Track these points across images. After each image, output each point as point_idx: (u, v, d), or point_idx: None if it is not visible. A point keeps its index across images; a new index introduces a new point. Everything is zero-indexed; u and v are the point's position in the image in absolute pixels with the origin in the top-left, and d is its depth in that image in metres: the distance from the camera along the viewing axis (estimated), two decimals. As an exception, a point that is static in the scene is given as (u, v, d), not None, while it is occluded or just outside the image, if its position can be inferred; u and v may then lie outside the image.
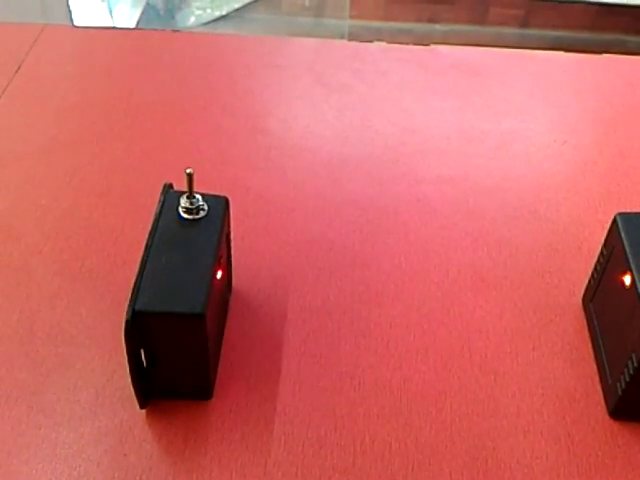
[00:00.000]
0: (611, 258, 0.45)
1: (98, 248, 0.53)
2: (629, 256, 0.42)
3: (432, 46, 0.71)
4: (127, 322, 0.36)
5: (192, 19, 1.76)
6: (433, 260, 0.53)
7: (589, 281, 0.49)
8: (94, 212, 0.56)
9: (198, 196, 0.43)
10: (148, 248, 0.40)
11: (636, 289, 0.40)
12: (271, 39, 0.75)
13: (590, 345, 0.48)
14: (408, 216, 0.56)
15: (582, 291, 0.50)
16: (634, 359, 0.40)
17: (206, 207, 0.43)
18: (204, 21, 1.75)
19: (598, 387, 0.45)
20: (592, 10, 2.01)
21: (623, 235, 0.43)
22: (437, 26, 2.06)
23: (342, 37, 1.89)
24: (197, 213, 0.42)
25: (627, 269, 0.42)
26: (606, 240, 0.46)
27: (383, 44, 0.71)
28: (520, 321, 0.49)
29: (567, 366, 0.47)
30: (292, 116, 0.65)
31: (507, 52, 0.74)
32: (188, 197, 0.42)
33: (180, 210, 0.42)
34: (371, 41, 0.72)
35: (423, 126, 0.65)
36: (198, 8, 1.77)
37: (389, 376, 0.46)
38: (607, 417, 0.44)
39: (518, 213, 0.57)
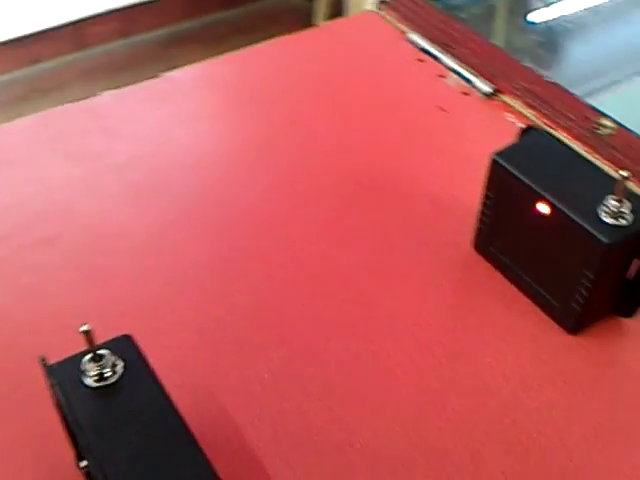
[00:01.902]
0: (503, 197, 0.45)
1: None
2: (533, 186, 0.42)
3: (163, 75, 0.63)
4: None
5: None
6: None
7: (479, 229, 0.48)
8: None
9: (104, 351, 0.30)
10: (88, 450, 0.28)
11: (563, 212, 0.41)
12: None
13: (510, 284, 0.47)
14: (272, 258, 0.50)
15: (470, 242, 0.49)
16: (589, 275, 0.41)
17: (119, 361, 0.31)
18: None
19: (545, 316, 0.45)
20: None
21: (514, 170, 0.43)
22: (44, 64, 1.91)
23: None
24: (114, 373, 0.30)
25: (537, 199, 0.42)
26: (489, 183, 0.46)
27: (114, 91, 0.61)
28: (433, 295, 0.47)
29: (505, 309, 0.46)
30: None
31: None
32: (93, 359, 0.30)
33: (90, 380, 0.30)
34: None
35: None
36: None
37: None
38: (571, 336, 0.44)
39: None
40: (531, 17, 1.34)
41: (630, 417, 0.40)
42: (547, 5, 1.23)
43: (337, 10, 1.75)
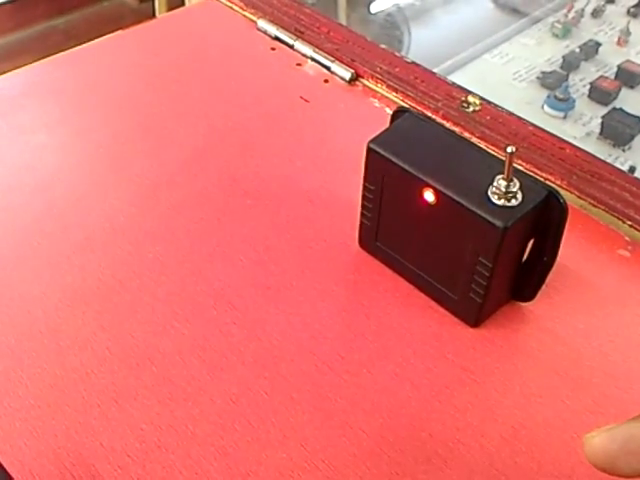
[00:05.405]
0: (384, 188, 0.41)
1: None
2: (415, 173, 0.39)
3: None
4: None
5: None
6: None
7: (362, 224, 0.44)
8: None
9: None
10: None
11: (451, 198, 0.38)
12: None
13: (404, 280, 0.43)
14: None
15: (355, 239, 0.45)
16: (486, 262, 0.38)
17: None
18: None
19: (442, 310, 0.42)
20: (7, 9, 1.87)
21: (393, 157, 0.39)
22: None
23: None
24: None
25: (422, 186, 0.39)
26: (367, 174, 0.42)
27: None
28: (325, 303, 0.42)
29: (402, 309, 0.42)
30: None
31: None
32: None
33: None
34: None
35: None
36: None
37: None
38: (473, 329, 0.41)
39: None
40: (374, 6, 1.34)
41: (546, 410, 0.37)
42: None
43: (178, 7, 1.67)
